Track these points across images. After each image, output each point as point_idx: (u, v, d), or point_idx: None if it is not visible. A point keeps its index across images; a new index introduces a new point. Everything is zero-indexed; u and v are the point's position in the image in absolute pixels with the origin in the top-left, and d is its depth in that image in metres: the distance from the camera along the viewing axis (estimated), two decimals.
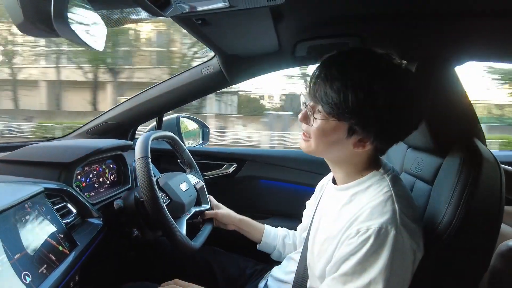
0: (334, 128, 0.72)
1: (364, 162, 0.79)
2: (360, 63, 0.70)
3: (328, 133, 0.73)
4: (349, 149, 0.74)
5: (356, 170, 0.79)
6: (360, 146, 0.73)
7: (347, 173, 0.81)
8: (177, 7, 0.77)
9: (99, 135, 1.57)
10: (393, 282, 0.66)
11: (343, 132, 0.72)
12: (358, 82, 0.67)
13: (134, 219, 1.05)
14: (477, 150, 0.80)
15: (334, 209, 0.81)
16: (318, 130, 0.74)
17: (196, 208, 1.23)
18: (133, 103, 1.54)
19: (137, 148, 0.98)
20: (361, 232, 0.67)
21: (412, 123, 0.74)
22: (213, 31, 1.04)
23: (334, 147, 0.75)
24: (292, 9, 0.95)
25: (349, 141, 0.73)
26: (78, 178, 1.12)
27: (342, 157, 0.78)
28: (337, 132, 0.72)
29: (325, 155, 0.80)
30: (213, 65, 1.41)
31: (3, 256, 0.64)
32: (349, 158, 0.78)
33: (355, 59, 0.71)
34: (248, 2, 0.78)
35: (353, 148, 0.74)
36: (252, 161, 1.69)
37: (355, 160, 0.78)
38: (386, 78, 0.68)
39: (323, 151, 0.78)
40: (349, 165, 0.79)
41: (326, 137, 0.74)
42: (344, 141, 0.73)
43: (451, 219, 0.74)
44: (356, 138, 0.72)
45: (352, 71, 0.68)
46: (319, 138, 0.75)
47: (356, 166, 0.79)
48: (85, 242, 0.90)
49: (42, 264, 0.73)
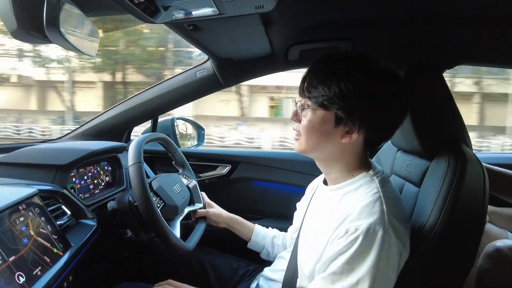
0: (322, 118, 0.76)
1: (354, 161, 0.81)
2: (343, 56, 0.78)
3: (316, 125, 0.77)
4: (338, 143, 0.77)
5: (347, 170, 0.81)
6: (348, 137, 0.76)
7: (338, 173, 0.82)
8: (167, 14, 0.79)
9: (95, 137, 1.58)
10: (380, 281, 0.68)
11: (331, 122, 0.75)
12: (340, 72, 0.73)
13: (127, 220, 1.06)
14: (463, 153, 0.82)
15: (324, 209, 0.83)
16: (307, 124, 0.77)
17: (189, 208, 1.25)
18: (128, 105, 1.55)
19: (130, 154, 0.99)
20: (350, 232, 0.69)
21: (395, 114, 0.77)
22: (205, 36, 1.06)
23: (323, 141, 0.78)
24: (282, 15, 0.96)
25: (337, 132, 0.76)
26: (73, 180, 1.13)
27: (332, 153, 0.80)
28: (325, 123, 0.76)
29: (316, 152, 0.81)
30: (207, 68, 1.42)
31: None
32: (339, 155, 0.80)
33: (340, 56, 0.78)
34: (236, 9, 0.79)
35: (341, 139, 0.76)
36: (246, 162, 1.70)
37: (345, 158, 0.80)
38: (366, 68, 0.74)
39: (314, 148, 0.80)
40: (340, 163, 0.81)
41: (315, 130, 0.77)
42: (332, 132, 0.76)
43: (436, 220, 0.76)
44: (343, 129, 0.75)
45: (335, 63, 0.75)
46: (308, 132, 0.78)
47: (347, 165, 0.81)
48: (79, 243, 0.91)
49: (36, 265, 0.74)
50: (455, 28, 1.08)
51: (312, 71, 0.77)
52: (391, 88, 0.75)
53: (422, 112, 0.88)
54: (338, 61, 0.76)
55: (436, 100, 0.90)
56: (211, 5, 0.75)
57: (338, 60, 0.76)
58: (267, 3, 0.79)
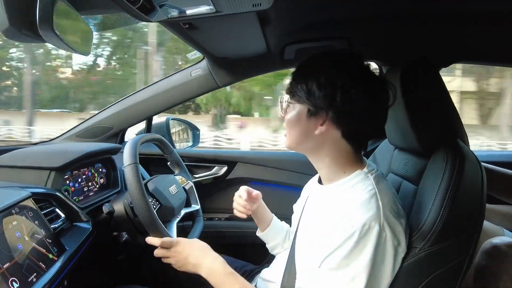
0: (297, 112, 0.81)
1: (341, 157, 0.81)
2: (319, 55, 0.82)
3: (293, 118, 0.81)
4: (313, 135, 0.79)
5: (336, 166, 0.82)
6: (319, 128, 0.78)
7: (328, 169, 0.83)
8: (163, 12, 0.77)
9: (89, 138, 1.56)
10: (376, 276, 0.70)
11: (304, 114, 0.79)
12: (312, 68, 0.79)
13: (123, 222, 1.05)
14: (460, 151, 0.82)
15: (320, 207, 0.84)
16: (288, 118, 0.83)
17: (186, 210, 1.24)
18: (122, 105, 1.54)
19: (125, 154, 0.98)
20: (346, 228, 0.69)
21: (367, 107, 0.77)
22: (201, 35, 1.05)
23: (302, 134, 0.81)
24: (279, 13, 0.96)
25: (310, 124, 0.79)
26: (67, 183, 1.11)
27: (313, 147, 0.82)
28: (299, 115, 0.80)
29: (300, 145, 0.84)
30: (202, 68, 1.41)
31: None
32: (321, 149, 0.81)
33: (317, 55, 0.82)
34: (234, 7, 0.79)
35: (314, 131, 0.79)
36: (242, 162, 1.69)
37: (329, 152, 0.81)
38: (331, 63, 0.78)
39: (297, 142, 0.83)
40: (326, 158, 0.82)
41: (293, 123, 0.81)
42: (306, 124, 0.79)
43: (436, 217, 0.76)
44: (315, 120, 0.78)
45: (310, 62, 0.81)
46: (289, 126, 0.83)
47: (334, 160, 0.82)
48: (73, 246, 0.89)
49: (30, 270, 0.72)
50: (452, 27, 1.08)
51: (294, 70, 0.83)
52: (361, 83, 0.76)
53: (419, 109, 0.88)
54: (314, 59, 0.82)
55: (433, 97, 0.91)
56: (208, 3, 0.74)
57: (314, 58, 0.82)
58: (265, 1, 0.78)
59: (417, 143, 0.89)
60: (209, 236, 1.25)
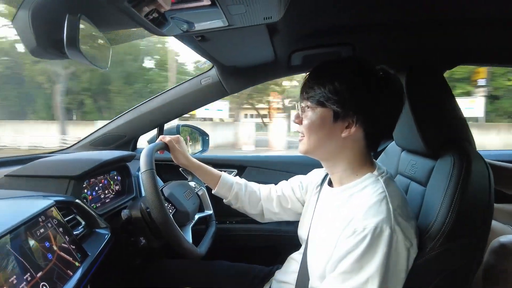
0: (320, 116, 0.81)
1: (357, 160, 0.84)
2: (337, 60, 0.84)
3: (316, 122, 0.82)
4: (338, 138, 0.81)
5: (351, 169, 0.84)
6: (347, 130, 0.80)
7: (343, 173, 0.85)
8: (178, 27, 0.81)
9: (102, 146, 1.60)
10: (389, 278, 0.70)
11: (329, 118, 0.80)
12: (334, 72, 0.80)
13: (140, 227, 1.08)
14: (467, 152, 0.84)
15: (331, 210, 0.85)
16: (308, 122, 0.83)
17: (200, 214, 1.27)
18: (134, 114, 1.57)
19: (142, 161, 1.01)
20: (358, 231, 0.71)
21: (389, 106, 0.80)
22: (212, 46, 1.08)
23: (325, 137, 0.82)
24: (286, 22, 0.99)
25: (336, 127, 0.80)
26: (85, 191, 1.15)
27: (334, 150, 0.84)
28: (324, 119, 0.81)
29: (319, 150, 0.85)
30: (211, 76, 1.45)
31: (27, 275, 0.66)
32: (341, 152, 0.83)
33: (334, 60, 0.84)
34: (245, 21, 0.82)
35: (341, 134, 0.80)
36: (252, 167, 1.72)
37: (348, 155, 0.83)
38: (358, 68, 0.80)
39: (317, 146, 0.84)
40: (344, 162, 0.84)
41: (315, 127, 0.82)
42: (332, 128, 0.81)
43: (444, 218, 0.78)
44: (342, 123, 0.80)
45: (330, 66, 0.83)
46: (310, 130, 0.83)
47: (350, 163, 0.84)
48: (95, 252, 0.92)
49: (59, 278, 0.74)
50: (456, 30, 1.10)
51: (310, 75, 0.84)
52: (383, 83, 0.79)
53: (425, 112, 0.90)
54: (333, 64, 0.83)
55: (438, 100, 0.93)
56: (221, 17, 0.78)
57: (332, 63, 0.83)
58: (275, 14, 0.81)
59: (424, 145, 0.91)
60: (222, 239, 1.27)
